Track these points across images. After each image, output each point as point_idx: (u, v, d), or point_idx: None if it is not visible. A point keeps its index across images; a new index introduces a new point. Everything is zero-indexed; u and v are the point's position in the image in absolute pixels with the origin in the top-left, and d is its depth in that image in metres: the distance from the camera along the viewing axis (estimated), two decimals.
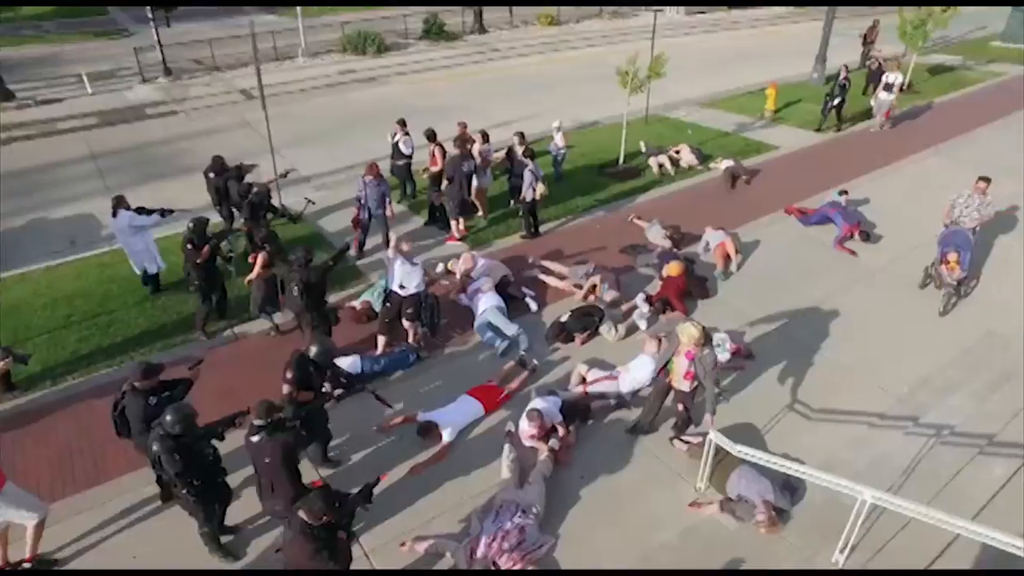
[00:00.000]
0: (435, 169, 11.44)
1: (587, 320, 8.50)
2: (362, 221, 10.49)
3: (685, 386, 6.63)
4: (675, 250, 10.43)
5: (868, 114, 16.78)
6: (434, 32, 28.00)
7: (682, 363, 6.51)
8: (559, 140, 13.18)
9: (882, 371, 8.11)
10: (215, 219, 10.55)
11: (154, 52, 22.60)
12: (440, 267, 10.07)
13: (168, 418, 5.24)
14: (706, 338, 6.37)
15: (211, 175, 11.02)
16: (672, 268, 9.32)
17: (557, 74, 23.07)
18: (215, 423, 5.75)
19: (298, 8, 25.39)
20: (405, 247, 8.63)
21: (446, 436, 7.02)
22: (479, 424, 7.36)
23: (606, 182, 13.49)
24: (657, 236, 10.81)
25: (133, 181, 13.96)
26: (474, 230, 11.55)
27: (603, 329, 8.58)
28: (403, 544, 5.90)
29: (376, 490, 5.32)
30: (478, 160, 11.25)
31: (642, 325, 8.79)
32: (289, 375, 6.14)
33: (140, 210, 9.82)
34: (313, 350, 6.42)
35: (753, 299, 9.49)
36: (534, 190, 10.54)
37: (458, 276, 9.57)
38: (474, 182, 11.27)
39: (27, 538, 5.68)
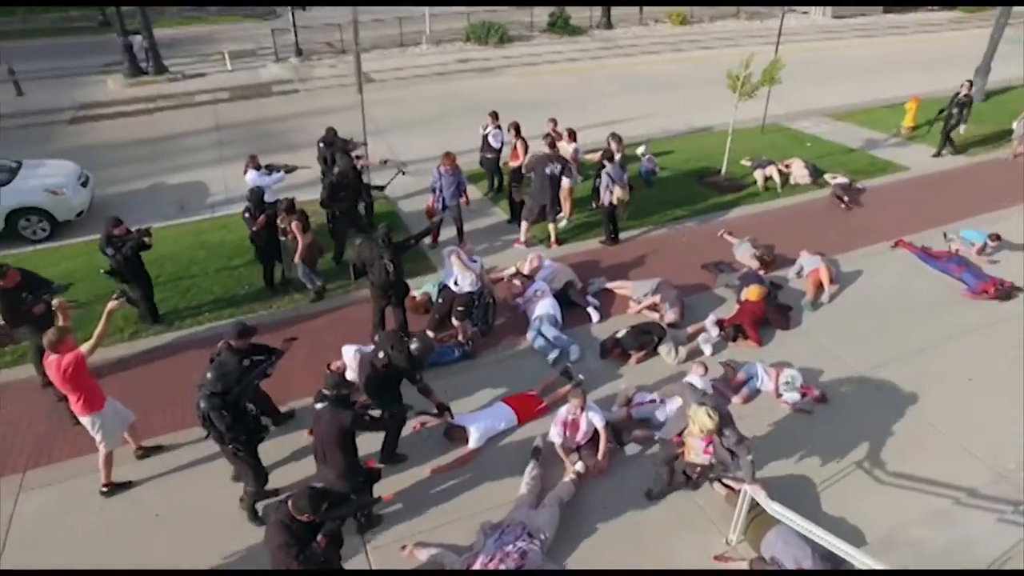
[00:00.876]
0: (515, 164, 11.20)
1: (644, 338, 7.93)
2: (436, 211, 10.45)
3: (704, 460, 5.84)
4: (761, 272, 9.55)
5: None
6: (559, 25, 27.71)
7: (698, 444, 5.74)
8: (647, 163, 12.71)
9: (983, 439, 6.92)
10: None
11: (291, 34, 23.96)
12: (511, 269, 9.82)
13: (209, 376, 5.56)
14: (722, 424, 5.51)
15: (321, 145, 11.37)
16: (751, 292, 8.52)
17: (679, 74, 22.06)
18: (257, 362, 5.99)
19: None
20: (468, 246, 8.60)
21: (473, 442, 6.79)
22: (511, 433, 7.07)
23: (704, 192, 12.63)
24: (745, 255, 9.95)
25: (245, 153, 14.57)
26: (560, 230, 11.20)
27: (662, 350, 7.98)
28: (404, 548, 5.75)
29: (382, 510, 5.20)
30: (568, 159, 10.88)
31: (707, 350, 8.09)
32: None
33: (269, 167, 10.64)
34: (414, 345, 6.38)
35: (840, 335, 8.48)
36: (611, 193, 10.02)
37: (520, 278, 9.30)
38: (563, 182, 10.93)
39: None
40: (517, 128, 11.47)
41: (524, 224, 10.61)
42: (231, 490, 6.25)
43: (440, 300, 8.24)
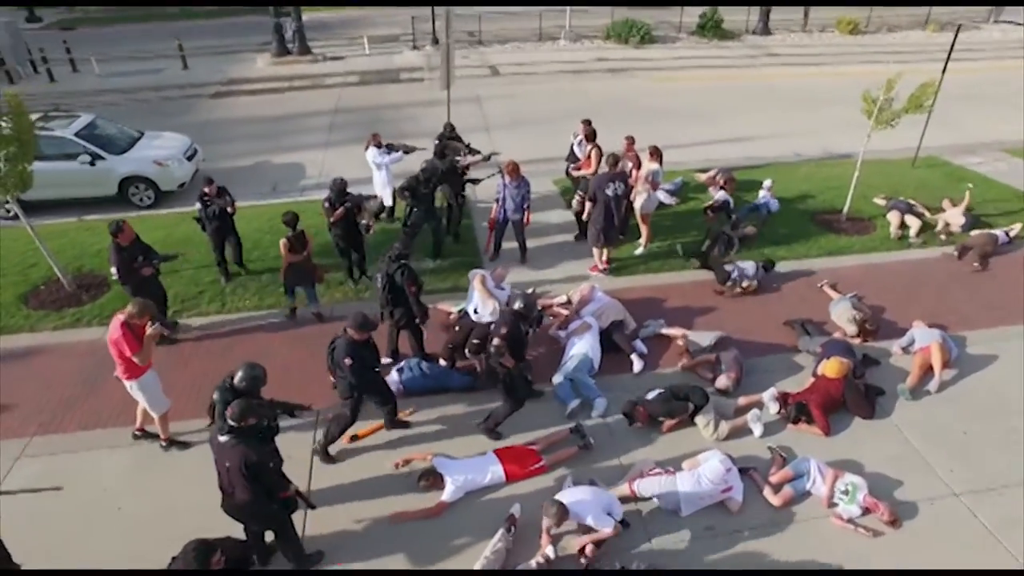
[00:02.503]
0: (585, 172, 10.21)
1: (676, 405, 6.68)
2: (498, 223, 9.74)
3: None
4: (856, 341, 7.90)
5: None
6: (708, 28, 25.70)
7: None
8: (771, 203, 11.25)
9: None
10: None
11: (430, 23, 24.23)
12: (562, 296, 8.94)
13: (240, 373, 5.44)
14: None
15: (437, 142, 10.85)
16: (830, 366, 6.98)
17: (833, 91, 19.45)
18: (277, 403, 5.78)
19: None
20: (499, 271, 7.90)
21: (447, 494, 6.05)
22: (497, 489, 6.25)
23: (817, 231, 10.80)
24: (842, 316, 8.26)
25: (351, 139, 14.81)
26: (629, 258, 10.08)
27: (699, 420, 6.73)
28: None
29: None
30: (635, 181, 9.76)
31: (756, 430, 6.70)
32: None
33: (389, 147, 10.76)
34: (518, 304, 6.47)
35: (941, 439, 6.70)
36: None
37: (567, 306, 8.38)
38: (636, 203, 9.82)
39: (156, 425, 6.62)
40: (591, 131, 10.45)
41: (595, 250, 9.57)
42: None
43: (457, 328, 7.56)
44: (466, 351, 7.41)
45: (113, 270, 7.81)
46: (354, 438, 6.71)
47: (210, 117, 17.42)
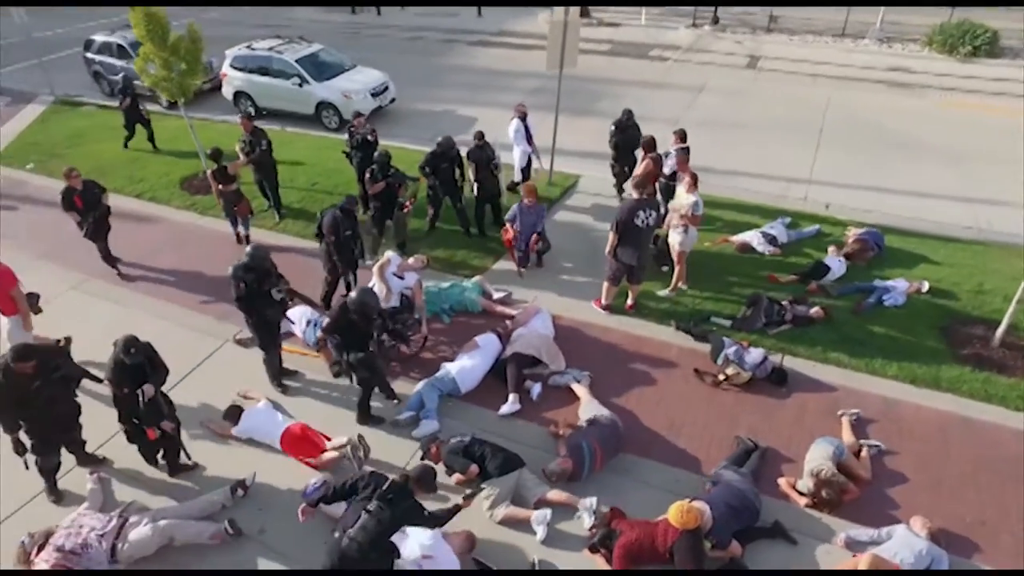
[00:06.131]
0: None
1: (460, 462, 5.77)
2: (516, 244, 8.93)
3: None
4: (799, 500, 5.72)
5: None
6: None
7: None
8: (896, 294, 8.42)
9: None
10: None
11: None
12: (502, 294, 8.54)
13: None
14: None
15: (613, 127, 10.56)
16: (675, 509, 5.11)
17: None
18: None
19: None
20: (412, 261, 7.64)
21: (236, 429, 6.47)
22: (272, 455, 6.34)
23: (940, 351, 7.57)
24: (813, 461, 5.98)
25: (544, 106, 13.77)
26: (647, 295, 8.61)
27: (485, 486, 5.70)
28: None
29: None
30: (667, 212, 8.18)
31: (539, 533, 5.48)
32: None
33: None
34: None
35: None
36: None
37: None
38: (672, 239, 8.26)
39: None
40: (651, 143, 9.10)
41: (606, 285, 8.22)
42: None
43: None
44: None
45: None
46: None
47: (451, 62, 19.06)
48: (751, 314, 7.98)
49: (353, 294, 6.18)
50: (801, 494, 5.85)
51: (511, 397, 6.79)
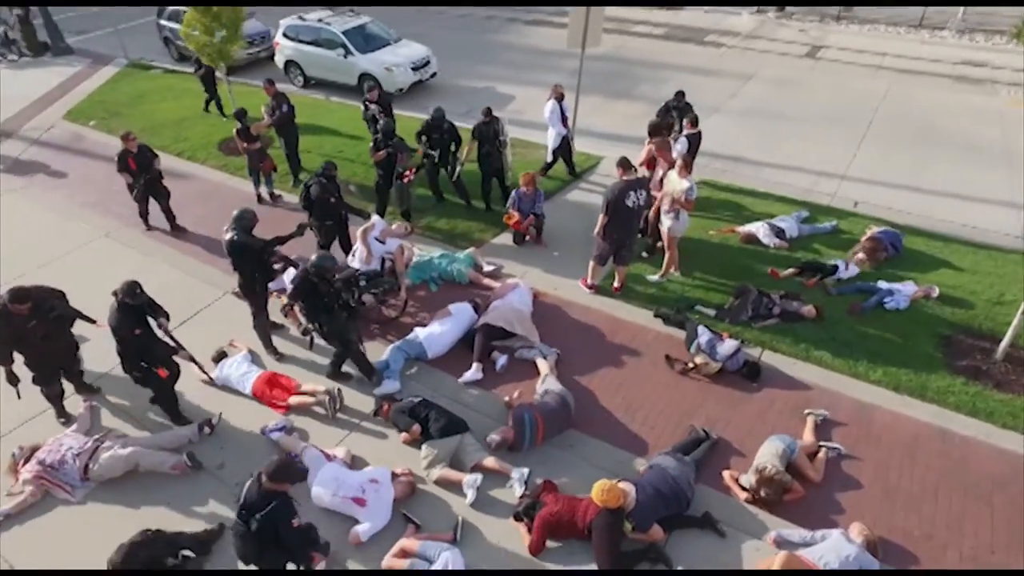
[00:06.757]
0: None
1: (404, 421, 6.04)
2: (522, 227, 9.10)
3: None
4: (739, 493, 5.64)
5: None
6: None
7: None
8: (900, 298, 8.06)
9: None
10: None
11: None
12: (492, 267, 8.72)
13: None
14: None
15: (664, 109, 10.69)
16: (598, 487, 5.22)
17: None
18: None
19: None
20: (395, 227, 7.85)
21: (212, 372, 6.94)
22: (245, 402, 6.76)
23: (936, 362, 7.13)
24: (762, 457, 5.87)
25: (585, 87, 14.25)
26: (636, 278, 8.54)
27: (424, 447, 5.94)
28: None
29: None
30: (658, 195, 8.05)
31: (469, 495, 5.65)
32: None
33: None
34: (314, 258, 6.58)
35: None
36: None
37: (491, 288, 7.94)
38: (663, 224, 8.16)
39: None
40: (656, 128, 8.99)
41: (592, 264, 8.22)
42: None
43: None
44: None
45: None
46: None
47: (501, 39, 19.10)
48: (738, 305, 7.82)
49: (313, 257, 6.45)
50: (743, 489, 5.76)
51: (474, 366, 6.96)
